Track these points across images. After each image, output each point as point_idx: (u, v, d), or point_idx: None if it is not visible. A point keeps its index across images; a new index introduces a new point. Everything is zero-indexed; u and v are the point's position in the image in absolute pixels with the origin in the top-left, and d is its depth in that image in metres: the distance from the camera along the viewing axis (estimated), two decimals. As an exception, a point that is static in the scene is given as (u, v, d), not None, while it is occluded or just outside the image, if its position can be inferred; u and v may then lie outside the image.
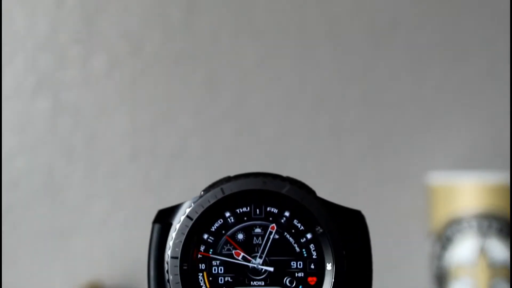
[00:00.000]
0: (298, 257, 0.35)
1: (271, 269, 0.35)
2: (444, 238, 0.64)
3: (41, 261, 0.70)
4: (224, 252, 0.35)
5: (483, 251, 0.63)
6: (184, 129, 0.71)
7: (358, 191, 0.71)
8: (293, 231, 0.35)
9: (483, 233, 0.63)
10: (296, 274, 0.35)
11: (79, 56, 0.70)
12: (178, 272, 0.35)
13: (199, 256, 0.35)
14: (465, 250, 0.63)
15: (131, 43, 0.70)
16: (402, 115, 0.71)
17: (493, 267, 0.63)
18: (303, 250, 0.35)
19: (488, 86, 0.71)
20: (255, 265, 0.35)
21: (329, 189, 0.72)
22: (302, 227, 0.35)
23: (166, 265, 0.35)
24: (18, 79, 0.70)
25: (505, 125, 0.71)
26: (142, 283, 0.36)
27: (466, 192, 0.64)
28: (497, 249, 0.63)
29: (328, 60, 0.71)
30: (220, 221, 0.36)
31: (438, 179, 0.66)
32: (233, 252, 0.35)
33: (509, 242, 0.63)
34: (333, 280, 0.34)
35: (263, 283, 0.35)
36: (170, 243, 0.35)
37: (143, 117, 0.71)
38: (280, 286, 0.35)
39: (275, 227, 0.36)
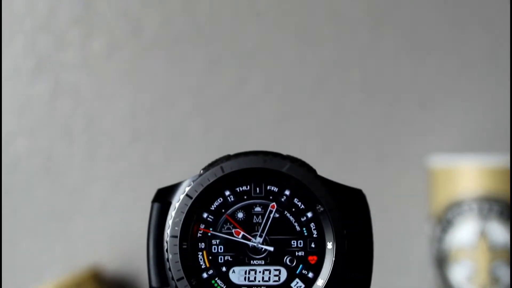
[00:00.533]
0: (298, 236, 0.35)
1: (271, 248, 0.35)
2: (444, 221, 0.64)
3: (41, 244, 0.70)
4: (224, 231, 0.35)
5: (483, 234, 0.63)
6: (184, 111, 0.70)
7: (358, 174, 0.71)
8: (293, 209, 0.35)
9: (484, 216, 0.63)
10: (297, 253, 0.35)
11: (79, 37, 0.70)
12: (178, 251, 0.34)
13: (199, 233, 0.35)
14: (465, 233, 0.63)
15: (130, 24, 0.70)
16: (403, 98, 0.71)
17: (493, 250, 0.63)
18: (304, 229, 0.35)
19: (488, 69, 0.71)
20: (255, 244, 0.35)
21: (329, 171, 0.71)
22: (302, 206, 0.35)
23: (165, 244, 0.35)
24: (17, 61, 0.70)
25: (506, 108, 0.70)
26: (143, 265, 0.36)
27: (467, 175, 0.63)
28: (498, 232, 0.63)
29: (329, 42, 0.71)
30: (220, 200, 0.35)
31: (439, 162, 0.65)
32: (233, 231, 0.35)
33: (509, 225, 0.63)
34: (333, 259, 0.34)
35: (263, 262, 0.35)
36: (169, 222, 0.35)
37: (143, 99, 0.70)
38: (280, 265, 0.35)
39: (275, 206, 0.35)
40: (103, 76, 0.70)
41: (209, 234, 0.35)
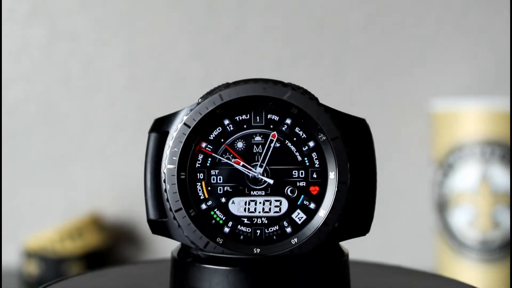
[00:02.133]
0: (300, 166, 0.34)
1: (271, 181, 0.34)
2: (446, 165, 0.64)
3: (40, 190, 0.70)
4: (223, 161, 0.34)
5: (485, 178, 0.62)
6: (183, 55, 0.69)
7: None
8: (294, 139, 0.34)
9: (486, 160, 0.62)
10: (298, 184, 0.34)
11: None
12: (176, 181, 0.34)
13: (198, 163, 0.34)
14: (467, 177, 0.63)
15: (127, -36, 0.69)
16: (405, 41, 0.70)
17: (495, 194, 0.62)
18: (305, 159, 0.34)
19: (490, 12, 0.70)
20: (255, 174, 0.34)
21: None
22: (304, 135, 0.34)
23: (163, 174, 0.34)
24: (13, 5, 0.68)
25: (508, 51, 0.70)
26: (142, 211, 0.36)
27: (469, 118, 0.63)
28: (500, 176, 0.62)
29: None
30: (219, 129, 0.34)
31: (441, 105, 0.64)
32: (232, 161, 0.34)
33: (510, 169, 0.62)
34: (336, 189, 0.33)
35: (263, 193, 0.34)
36: (167, 152, 0.34)
37: (142, 43, 0.69)
38: (281, 196, 0.34)
39: (276, 135, 0.34)
40: (100, 19, 0.69)
41: (208, 164, 0.34)
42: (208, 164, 0.34)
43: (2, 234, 0.69)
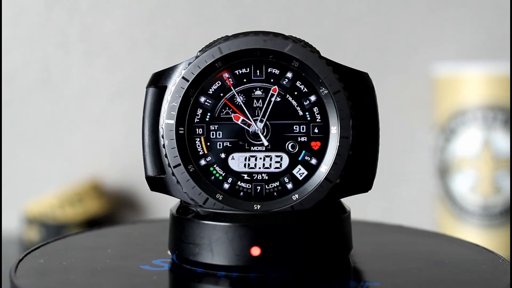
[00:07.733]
0: (301, 120, 0.33)
1: (266, 143, 0.34)
2: (448, 130, 0.63)
3: (40, 156, 0.69)
4: (222, 116, 0.34)
5: (487, 143, 0.62)
6: (184, 18, 0.69)
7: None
8: (296, 93, 0.33)
9: (488, 125, 0.62)
10: (299, 139, 0.34)
11: None
12: (174, 137, 0.33)
13: (200, 109, 0.34)
14: (468, 142, 0.62)
15: None
16: (407, 5, 0.69)
17: (496, 159, 0.62)
18: (307, 113, 0.33)
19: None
20: (256, 130, 0.34)
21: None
22: (305, 89, 0.33)
23: (161, 130, 0.33)
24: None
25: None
26: (143, 176, 0.35)
27: (472, 83, 0.62)
28: (501, 141, 0.62)
29: None
30: (218, 83, 0.34)
31: (443, 70, 0.64)
32: (232, 116, 0.34)
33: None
34: (338, 144, 0.33)
35: (264, 148, 0.34)
36: (165, 106, 0.33)
37: (141, 7, 0.68)
38: (282, 152, 0.34)
39: (277, 89, 0.34)
40: (98, -18, 0.68)
41: (207, 119, 0.34)
42: (207, 119, 0.34)
43: (3, 200, 0.69)
